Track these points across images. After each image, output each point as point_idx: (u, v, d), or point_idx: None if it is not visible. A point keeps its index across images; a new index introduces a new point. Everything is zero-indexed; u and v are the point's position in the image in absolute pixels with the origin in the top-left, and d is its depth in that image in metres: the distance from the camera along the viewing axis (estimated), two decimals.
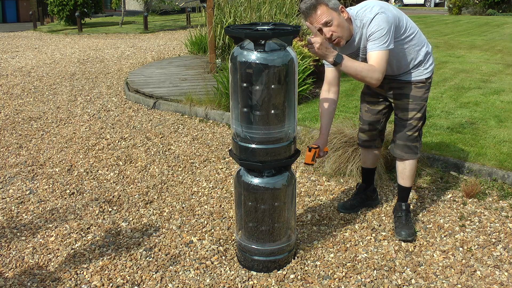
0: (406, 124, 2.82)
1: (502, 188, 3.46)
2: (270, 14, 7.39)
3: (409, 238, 2.82)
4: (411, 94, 2.80)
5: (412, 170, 2.92)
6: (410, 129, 2.82)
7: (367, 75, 2.47)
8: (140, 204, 3.36)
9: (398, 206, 2.99)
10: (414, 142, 2.85)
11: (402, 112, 2.84)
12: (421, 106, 2.82)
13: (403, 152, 2.87)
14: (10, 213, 3.24)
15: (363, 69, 2.48)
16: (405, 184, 2.95)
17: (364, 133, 3.09)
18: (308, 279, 2.48)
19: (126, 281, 2.49)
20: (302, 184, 3.63)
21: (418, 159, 2.94)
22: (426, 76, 2.81)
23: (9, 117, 5.53)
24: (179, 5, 17.90)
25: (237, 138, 2.39)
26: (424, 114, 2.87)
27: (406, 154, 2.87)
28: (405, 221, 2.91)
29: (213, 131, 4.94)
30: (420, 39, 2.80)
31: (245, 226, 2.51)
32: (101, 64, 8.99)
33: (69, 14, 16.17)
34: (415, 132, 2.83)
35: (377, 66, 2.48)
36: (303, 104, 5.36)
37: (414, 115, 2.81)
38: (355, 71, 2.46)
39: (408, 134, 2.83)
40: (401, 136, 2.86)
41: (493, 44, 10.51)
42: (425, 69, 2.80)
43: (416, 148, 2.87)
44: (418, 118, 2.82)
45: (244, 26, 2.35)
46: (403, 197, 2.99)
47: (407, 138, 2.83)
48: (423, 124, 2.90)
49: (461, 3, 21.35)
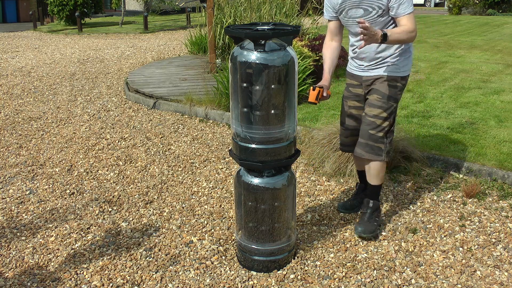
0: (369, 121, 2.75)
1: (502, 188, 3.46)
2: (270, 14, 7.39)
3: (364, 234, 2.79)
4: (381, 91, 2.75)
5: (377, 170, 2.84)
6: (373, 127, 2.74)
7: (408, 37, 2.57)
8: (140, 204, 3.36)
9: (365, 202, 2.95)
10: (377, 142, 2.75)
11: (369, 108, 2.78)
12: (389, 106, 2.74)
13: (364, 151, 2.79)
14: (10, 213, 3.24)
15: (403, 34, 2.55)
16: (371, 182, 2.89)
17: (346, 138, 3.01)
18: (308, 279, 2.48)
19: (126, 281, 2.49)
20: (302, 184, 3.63)
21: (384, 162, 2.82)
22: (401, 75, 2.76)
23: (9, 117, 5.53)
24: (179, 5, 17.89)
25: (237, 138, 2.39)
26: (392, 116, 2.78)
27: (367, 153, 2.78)
28: (368, 218, 2.87)
29: (213, 131, 4.94)
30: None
31: (245, 226, 2.51)
32: (101, 64, 8.99)
33: (69, 14, 16.17)
34: (379, 132, 2.74)
35: (412, 27, 2.57)
36: (303, 104, 5.36)
37: (379, 113, 2.73)
38: (397, 39, 2.54)
39: (370, 133, 2.75)
40: (363, 134, 2.79)
41: (493, 44, 10.51)
42: (403, 65, 2.75)
43: (379, 150, 2.76)
44: (384, 117, 2.74)
45: (244, 26, 2.35)
46: (371, 194, 2.93)
47: (369, 137, 2.76)
48: (391, 127, 2.81)
49: (461, 3, 21.35)
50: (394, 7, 2.58)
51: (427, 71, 7.29)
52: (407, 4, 2.58)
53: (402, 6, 2.58)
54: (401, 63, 2.75)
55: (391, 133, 2.83)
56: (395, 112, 2.82)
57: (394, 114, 2.81)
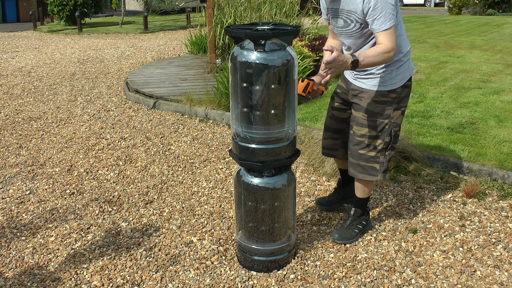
0: (357, 141, 2.57)
1: (502, 188, 3.46)
2: (270, 14, 7.39)
3: (338, 241, 2.74)
4: (367, 108, 2.51)
5: (366, 188, 2.73)
6: (363, 147, 2.56)
7: (384, 59, 2.31)
8: (140, 204, 3.36)
9: (348, 208, 2.89)
10: (369, 162, 2.57)
11: (356, 126, 2.57)
12: (378, 124, 2.51)
13: (356, 171, 2.64)
14: (10, 213, 3.24)
15: (378, 56, 2.29)
16: (357, 194, 2.80)
17: (326, 140, 2.85)
18: (308, 279, 2.48)
19: (126, 281, 2.49)
20: (302, 184, 3.63)
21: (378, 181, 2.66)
22: (389, 88, 2.49)
23: (9, 117, 5.53)
24: (179, 5, 17.88)
25: (237, 138, 2.39)
26: (387, 132, 2.54)
27: (360, 174, 2.63)
28: (348, 225, 2.81)
29: (213, 131, 4.94)
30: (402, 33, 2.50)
31: (245, 226, 2.51)
32: (101, 64, 8.98)
33: (69, 14, 16.17)
34: (371, 152, 2.56)
35: (390, 46, 2.29)
36: (303, 104, 5.35)
37: (366, 132, 2.53)
38: (372, 63, 2.32)
39: (360, 153, 2.58)
40: (353, 154, 2.62)
41: (493, 44, 10.51)
42: (391, 77, 2.48)
43: (373, 169, 2.59)
44: (373, 136, 2.53)
45: (244, 26, 2.35)
46: (356, 204, 2.84)
47: (360, 157, 2.59)
48: (389, 145, 2.58)
49: (461, 3, 21.35)
50: (369, 21, 2.33)
51: (427, 71, 7.29)
52: (383, 20, 2.28)
53: (377, 22, 2.29)
54: (388, 76, 2.49)
55: (391, 149, 2.62)
56: (393, 127, 2.57)
57: (391, 129, 2.57)
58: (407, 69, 2.54)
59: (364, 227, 2.86)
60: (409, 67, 2.55)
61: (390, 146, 2.60)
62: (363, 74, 2.55)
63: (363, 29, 2.41)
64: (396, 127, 2.59)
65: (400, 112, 2.57)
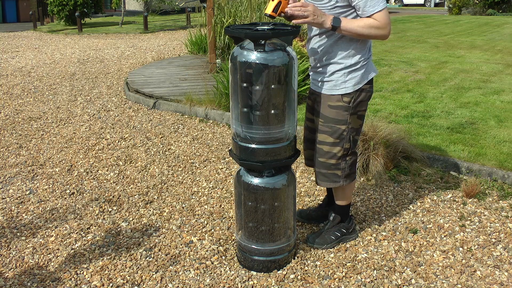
0: (317, 148, 2.52)
1: (502, 188, 3.46)
2: None
3: (310, 244, 2.71)
4: (322, 113, 2.44)
5: (341, 194, 2.66)
6: (322, 155, 2.50)
7: (374, 33, 2.16)
8: (140, 204, 3.36)
9: (329, 214, 2.82)
10: (330, 169, 2.50)
11: (316, 133, 2.51)
12: (335, 130, 2.42)
13: (318, 179, 2.58)
14: (10, 213, 3.24)
15: (365, 27, 2.15)
16: (337, 201, 2.74)
17: (306, 151, 2.74)
18: (308, 279, 2.48)
19: (126, 281, 2.49)
20: (302, 184, 3.63)
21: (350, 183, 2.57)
22: (342, 92, 2.37)
23: (9, 117, 5.53)
24: (179, 5, 17.89)
25: (237, 138, 2.39)
26: (346, 139, 2.45)
27: (322, 182, 2.57)
28: (325, 230, 2.76)
29: (213, 131, 4.94)
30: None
31: (245, 226, 2.51)
32: (101, 64, 8.99)
33: (69, 14, 16.18)
34: (330, 159, 2.48)
35: (384, 22, 2.15)
36: (303, 104, 5.35)
37: (324, 139, 2.46)
38: (356, 32, 2.17)
39: (320, 161, 2.52)
40: (315, 161, 2.56)
41: (493, 44, 10.51)
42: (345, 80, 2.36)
43: (335, 176, 2.51)
44: (331, 143, 2.46)
45: (244, 26, 2.35)
46: (335, 210, 2.77)
47: (321, 165, 2.53)
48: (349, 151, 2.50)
49: (461, 3, 21.36)
50: (360, 4, 2.17)
51: (427, 71, 7.29)
52: (376, 1, 2.15)
53: (370, 3, 2.15)
54: (340, 79, 2.38)
55: (352, 154, 2.55)
56: (352, 133, 2.47)
57: (350, 135, 2.47)
58: (364, 73, 2.41)
59: (343, 235, 2.77)
60: (366, 71, 2.42)
61: (350, 152, 2.54)
62: (320, 76, 2.47)
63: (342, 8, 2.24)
64: (354, 132, 2.49)
65: (356, 116, 2.46)
